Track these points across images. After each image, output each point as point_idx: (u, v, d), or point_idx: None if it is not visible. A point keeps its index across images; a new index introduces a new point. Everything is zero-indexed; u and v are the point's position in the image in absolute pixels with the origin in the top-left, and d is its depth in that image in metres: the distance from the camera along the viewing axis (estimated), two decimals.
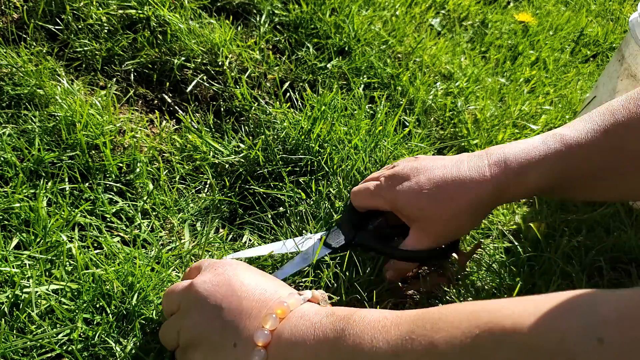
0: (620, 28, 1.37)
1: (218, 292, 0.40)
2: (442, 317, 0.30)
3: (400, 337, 0.30)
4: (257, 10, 0.92)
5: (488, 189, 0.47)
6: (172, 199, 0.65)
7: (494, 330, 0.26)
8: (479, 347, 0.27)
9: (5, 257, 0.52)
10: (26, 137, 0.64)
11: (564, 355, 0.23)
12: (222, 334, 0.39)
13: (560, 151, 0.47)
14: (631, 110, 0.46)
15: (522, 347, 0.25)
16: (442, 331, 0.28)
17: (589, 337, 0.23)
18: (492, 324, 0.27)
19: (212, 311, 0.40)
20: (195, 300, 0.41)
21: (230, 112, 0.79)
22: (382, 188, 0.52)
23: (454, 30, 1.13)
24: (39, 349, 0.47)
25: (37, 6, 0.78)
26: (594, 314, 0.24)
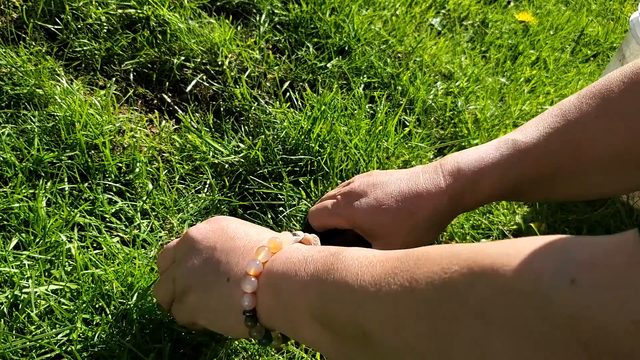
0: (621, 28, 1.37)
1: (212, 236, 0.42)
2: (425, 254, 0.30)
3: (384, 272, 0.31)
4: (257, 10, 0.92)
5: (444, 201, 0.47)
6: (171, 199, 0.65)
7: (472, 268, 0.27)
8: (455, 283, 0.27)
9: (5, 258, 0.52)
10: (25, 137, 0.64)
11: (538, 295, 0.24)
12: (216, 272, 0.40)
13: (512, 157, 0.47)
14: (583, 109, 0.45)
15: (497, 286, 0.25)
16: (423, 267, 0.29)
17: (563, 279, 0.23)
18: (471, 261, 0.27)
19: (206, 252, 0.41)
20: (190, 246, 0.42)
21: (230, 112, 0.79)
22: (339, 206, 0.51)
23: (454, 29, 1.13)
24: (39, 349, 0.47)
25: (36, 6, 0.78)
26: (569, 257, 0.24)
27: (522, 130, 0.49)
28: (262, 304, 0.38)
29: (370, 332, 0.31)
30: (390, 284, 0.30)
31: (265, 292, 0.38)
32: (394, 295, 0.30)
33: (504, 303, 0.25)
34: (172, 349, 0.51)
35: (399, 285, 0.30)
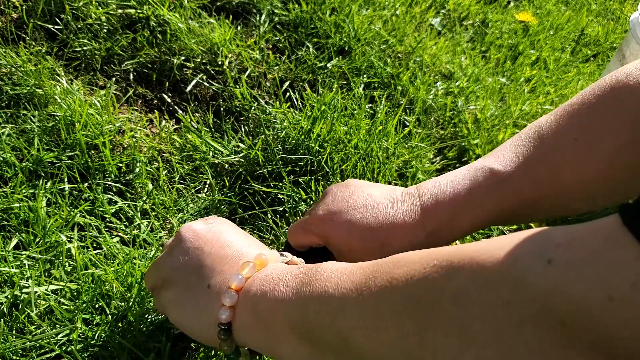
0: (621, 28, 1.37)
1: (203, 238, 0.42)
2: (406, 256, 0.31)
3: (364, 277, 0.31)
4: (257, 10, 0.92)
5: (421, 236, 0.45)
6: (171, 199, 0.65)
7: (451, 261, 0.27)
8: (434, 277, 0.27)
9: (5, 258, 0.52)
10: (25, 137, 0.64)
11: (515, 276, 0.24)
12: (199, 275, 0.40)
13: (491, 189, 0.44)
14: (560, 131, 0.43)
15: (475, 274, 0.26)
16: (403, 267, 0.29)
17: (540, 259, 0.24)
18: (451, 255, 0.27)
19: (193, 252, 0.41)
20: (179, 241, 0.43)
21: (230, 112, 0.79)
22: (312, 224, 0.49)
23: (454, 29, 1.13)
24: (39, 349, 0.47)
25: (36, 6, 0.78)
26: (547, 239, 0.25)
27: (498, 156, 0.46)
28: (238, 319, 0.38)
29: (350, 338, 0.31)
30: (371, 286, 0.30)
31: (244, 307, 0.37)
32: (375, 296, 0.30)
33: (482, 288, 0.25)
34: (172, 348, 0.51)
35: (379, 286, 0.30)
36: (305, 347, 0.34)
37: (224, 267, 0.40)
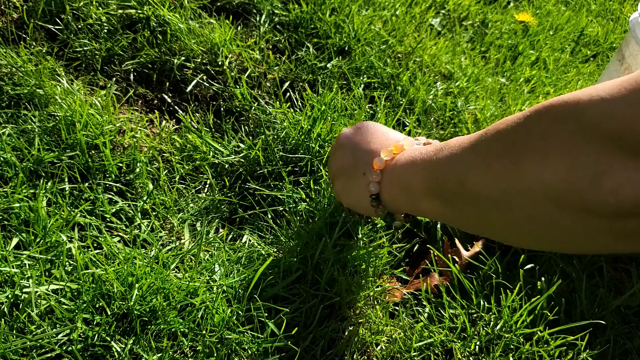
0: (621, 28, 1.37)
1: (354, 138, 0.55)
2: (508, 117, 0.39)
3: (478, 135, 0.41)
4: (257, 10, 0.92)
5: None
6: (172, 199, 0.65)
7: (537, 110, 0.35)
8: (526, 122, 0.36)
9: (5, 257, 0.52)
10: (26, 137, 0.64)
11: (578, 113, 0.32)
12: (355, 167, 0.53)
13: None
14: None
15: (554, 117, 0.34)
16: (506, 121, 0.38)
17: (594, 96, 0.32)
18: (539, 106, 0.35)
19: (348, 151, 0.54)
20: (337, 144, 0.57)
21: (230, 112, 0.79)
22: None
23: (454, 30, 1.13)
24: (39, 349, 0.47)
25: (36, 6, 0.78)
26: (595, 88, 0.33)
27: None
28: (385, 190, 0.50)
29: (466, 180, 0.40)
30: (482, 139, 0.40)
31: (388, 181, 0.49)
32: (485, 144, 0.39)
33: (558, 125, 0.33)
34: (172, 347, 0.51)
35: (488, 137, 0.39)
36: (436, 201, 0.44)
37: (372, 157, 0.51)
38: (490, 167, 0.38)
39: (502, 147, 0.37)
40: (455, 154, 0.42)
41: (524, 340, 0.60)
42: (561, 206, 0.34)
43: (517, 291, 0.62)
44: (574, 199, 0.32)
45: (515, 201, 0.36)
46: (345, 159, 0.54)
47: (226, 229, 0.64)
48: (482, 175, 0.39)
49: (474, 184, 0.39)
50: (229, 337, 0.52)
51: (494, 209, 0.39)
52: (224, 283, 0.56)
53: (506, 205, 0.37)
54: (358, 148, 0.54)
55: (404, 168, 0.48)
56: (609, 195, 0.31)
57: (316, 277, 0.60)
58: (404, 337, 0.59)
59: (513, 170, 0.36)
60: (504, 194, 0.37)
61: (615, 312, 0.66)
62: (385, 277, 0.64)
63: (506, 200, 0.37)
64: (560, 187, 0.33)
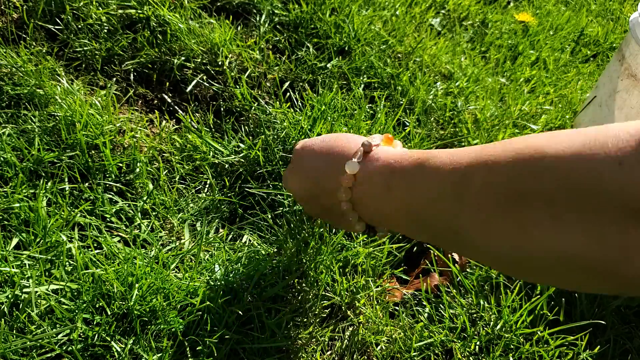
0: (621, 28, 1.37)
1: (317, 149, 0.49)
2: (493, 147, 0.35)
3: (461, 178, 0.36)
4: (257, 10, 0.92)
5: None
6: (172, 199, 0.65)
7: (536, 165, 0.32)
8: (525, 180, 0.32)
9: (5, 257, 0.52)
10: (26, 137, 0.64)
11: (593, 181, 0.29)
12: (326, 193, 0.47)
13: None
14: None
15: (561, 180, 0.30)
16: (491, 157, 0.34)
17: (613, 162, 0.28)
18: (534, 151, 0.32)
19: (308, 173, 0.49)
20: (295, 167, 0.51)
21: (230, 112, 0.79)
22: None
23: (454, 30, 1.13)
24: (39, 349, 0.47)
25: (36, 6, 0.78)
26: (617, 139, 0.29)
27: None
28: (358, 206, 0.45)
29: (460, 231, 0.36)
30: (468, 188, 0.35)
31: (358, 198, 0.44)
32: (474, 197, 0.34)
33: (569, 192, 0.30)
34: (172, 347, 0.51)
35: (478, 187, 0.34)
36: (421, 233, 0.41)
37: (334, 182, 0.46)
38: (488, 224, 0.34)
39: (498, 202, 0.33)
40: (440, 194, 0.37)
41: (524, 340, 0.60)
42: (582, 271, 0.31)
43: (517, 291, 0.62)
44: (600, 268, 0.30)
45: (523, 261, 0.34)
46: (309, 184, 0.49)
47: (226, 229, 0.64)
48: (479, 231, 0.35)
49: (471, 237, 0.35)
50: (229, 337, 0.53)
51: (497, 261, 0.36)
52: (224, 283, 0.56)
53: (512, 260, 0.34)
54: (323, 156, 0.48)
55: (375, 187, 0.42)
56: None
57: (316, 277, 0.60)
58: (404, 337, 0.59)
59: (518, 233, 0.33)
60: (509, 253, 0.34)
61: (615, 312, 0.66)
62: (385, 277, 0.64)
63: (512, 257, 0.34)
64: (581, 256, 0.30)
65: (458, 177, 0.36)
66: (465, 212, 0.35)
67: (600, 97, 0.87)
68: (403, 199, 0.40)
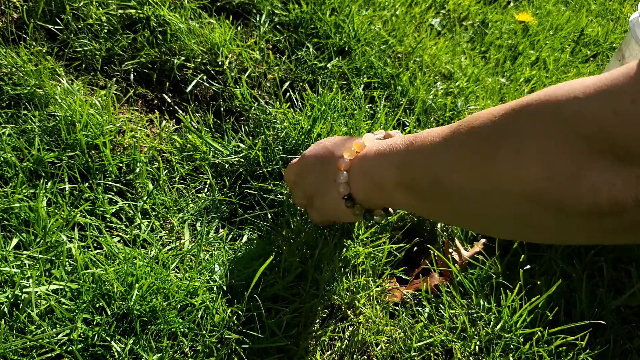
0: (621, 28, 1.37)
1: (316, 152, 0.55)
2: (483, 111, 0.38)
3: (450, 130, 0.40)
4: (257, 10, 0.92)
5: None
6: (172, 199, 0.65)
7: (513, 108, 0.35)
8: (502, 121, 0.36)
9: (5, 257, 0.52)
10: (26, 137, 0.64)
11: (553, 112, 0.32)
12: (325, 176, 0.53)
13: None
14: None
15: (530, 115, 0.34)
16: (480, 118, 0.37)
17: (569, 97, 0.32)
18: (514, 104, 0.35)
19: (315, 166, 0.55)
20: (306, 167, 0.56)
21: (230, 112, 0.79)
22: None
23: (454, 30, 1.13)
24: (39, 349, 0.47)
25: (36, 6, 0.78)
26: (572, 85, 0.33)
27: None
28: (355, 188, 0.50)
29: (439, 176, 0.40)
30: (455, 135, 0.39)
31: (356, 178, 0.49)
32: (458, 141, 0.39)
33: (533, 124, 0.33)
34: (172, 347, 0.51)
35: (461, 133, 0.39)
36: (412, 197, 0.44)
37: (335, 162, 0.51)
38: (464, 164, 0.38)
39: (476, 143, 0.37)
40: (427, 149, 0.42)
41: (523, 340, 0.60)
42: (538, 204, 0.34)
43: (517, 291, 0.62)
44: (551, 199, 0.33)
45: (491, 198, 0.37)
46: (314, 174, 0.54)
47: (226, 229, 0.64)
48: (455, 172, 0.39)
49: (448, 180, 0.39)
50: (229, 337, 0.53)
51: (469, 204, 0.39)
52: (224, 283, 0.56)
53: (482, 202, 0.38)
54: (322, 159, 0.54)
55: (372, 163, 0.48)
56: (586, 195, 0.31)
57: (316, 277, 0.60)
58: (404, 337, 0.59)
59: (488, 167, 0.36)
60: (479, 190, 0.37)
61: (615, 312, 0.66)
62: (385, 277, 0.64)
63: (481, 196, 0.37)
64: (537, 186, 0.33)
65: (448, 131, 0.40)
66: (447, 158, 0.40)
67: None
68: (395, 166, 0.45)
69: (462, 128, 0.39)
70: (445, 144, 0.40)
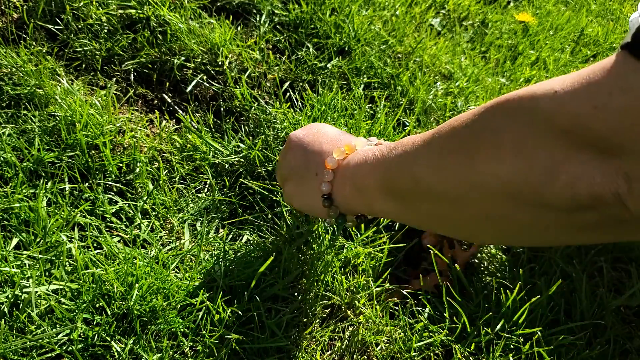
0: (621, 28, 1.37)
1: (305, 139, 0.53)
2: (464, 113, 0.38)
3: (432, 133, 0.40)
4: (257, 10, 0.92)
5: None
6: (172, 199, 0.65)
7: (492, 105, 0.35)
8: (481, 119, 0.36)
9: (5, 257, 0.52)
10: (26, 137, 0.64)
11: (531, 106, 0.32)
12: (307, 168, 0.52)
13: None
14: None
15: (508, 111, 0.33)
16: (460, 118, 0.38)
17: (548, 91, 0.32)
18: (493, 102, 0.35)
19: (299, 152, 0.53)
20: (288, 146, 0.55)
21: (230, 112, 0.79)
22: None
23: (454, 30, 1.13)
24: (39, 349, 0.47)
25: (36, 6, 0.78)
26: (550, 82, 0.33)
27: None
28: (337, 190, 0.49)
29: (421, 178, 0.40)
30: (436, 137, 0.39)
31: (341, 180, 0.49)
32: (439, 142, 0.39)
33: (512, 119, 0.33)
34: (172, 347, 0.51)
35: (443, 135, 0.39)
36: (390, 201, 0.44)
37: (323, 157, 0.51)
38: (445, 163, 0.38)
39: (456, 142, 0.37)
40: (409, 151, 0.42)
41: (523, 340, 0.60)
42: (517, 201, 0.33)
43: (517, 291, 0.62)
44: (530, 194, 0.32)
45: (470, 197, 0.36)
46: (297, 160, 0.53)
47: (226, 229, 0.64)
48: (436, 171, 0.39)
49: (429, 181, 0.39)
50: (229, 337, 0.53)
51: (449, 205, 0.39)
52: (224, 283, 0.56)
53: (461, 201, 0.37)
54: (309, 149, 0.53)
55: (356, 167, 0.47)
56: (564, 189, 0.31)
57: (316, 277, 0.60)
58: (404, 337, 0.59)
59: (467, 165, 0.36)
60: (459, 189, 0.37)
61: (615, 312, 0.66)
62: (385, 277, 0.64)
63: (461, 196, 0.37)
64: (516, 182, 0.33)
65: (429, 134, 0.41)
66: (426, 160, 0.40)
67: None
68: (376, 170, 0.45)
69: (443, 130, 0.39)
70: (426, 145, 0.40)
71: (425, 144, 0.40)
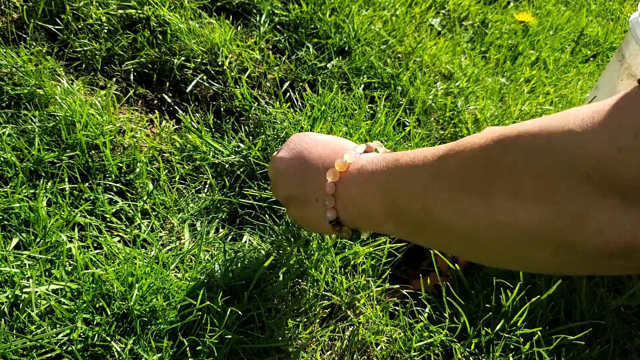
0: (621, 28, 1.37)
1: (291, 164, 0.50)
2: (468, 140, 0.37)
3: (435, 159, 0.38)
4: (257, 10, 0.92)
5: None
6: (172, 199, 0.65)
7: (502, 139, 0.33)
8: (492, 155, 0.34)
9: (5, 257, 0.52)
10: (26, 137, 0.64)
11: (550, 147, 0.30)
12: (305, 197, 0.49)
13: None
14: None
15: (521, 149, 0.32)
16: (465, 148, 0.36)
17: (567, 130, 0.30)
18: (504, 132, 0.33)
19: (289, 180, 0.50)
20: (277, 174, 0.52)
21: (230, 112, 0.79)
22: None
23: (454, 30, 1.13)
24: (39, 349, 0.47)
25: (36, 6, 0.78)
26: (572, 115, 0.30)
27: None
28: (343, 214, 0.47)
29: (431, 212, 0.38)
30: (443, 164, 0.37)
31: (343, 204, 0.46)
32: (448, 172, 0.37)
33: (528, 160, 0.31)
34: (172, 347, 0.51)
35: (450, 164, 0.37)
36: (400, 227, 0.42)
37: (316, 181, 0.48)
38: (457, 201, 0.36)
39: (468, 179, 0.35)
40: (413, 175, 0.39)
41: (523, 340, 0.60)
42: (543, 245, 0.32)
43: (517, 291, 0.62)
44: (555, 239, 0.31)
45: (488, 237, 0.35)
46: (291, 190, 0.50)
47: (226, 229, 0.64)
48: (449, 208, 0.36)
49: (441, 216, 0.37)
50: (229, 337, 0.53)
51: (464, 241, 0.37)
52: (224, 283, 0.56)
53: (478, 240, 0.36)
54: (299, 174, 0.49)
55: (357, 188, 0.45)
56: (593, 236, 0.29)
57: (316, 277, 0.60)
58: (404, 337, 0.59)
59: (483, 207, 0.34)
60: (475, 229, 0.35)
61: (615, 312, 0.66)
62: (385, 277, 0.64)
63: (477, 235, 0.35)
64: (540, 227, 0.31)
65: (435, 161, 0.38)
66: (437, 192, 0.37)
67: (600, 97, 0.87)
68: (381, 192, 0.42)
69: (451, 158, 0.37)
70: (435, 175, 0.38)
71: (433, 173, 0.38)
